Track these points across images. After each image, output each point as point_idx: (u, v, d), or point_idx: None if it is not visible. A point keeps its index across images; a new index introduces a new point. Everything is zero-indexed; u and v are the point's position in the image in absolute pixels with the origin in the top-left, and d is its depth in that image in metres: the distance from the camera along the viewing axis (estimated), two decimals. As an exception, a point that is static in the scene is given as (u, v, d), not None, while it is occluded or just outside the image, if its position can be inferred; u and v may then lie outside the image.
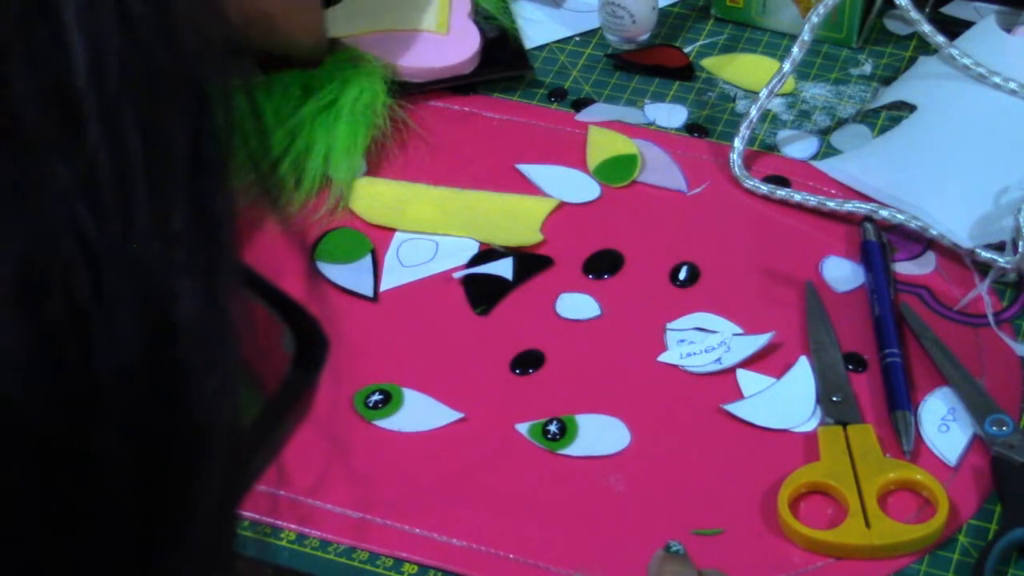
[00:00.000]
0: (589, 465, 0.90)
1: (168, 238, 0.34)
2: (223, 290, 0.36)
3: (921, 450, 0.90)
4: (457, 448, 0.91)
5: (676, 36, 1.18)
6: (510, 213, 1.05)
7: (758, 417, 0.92)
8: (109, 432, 0.33)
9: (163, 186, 0.34)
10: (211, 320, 0.35)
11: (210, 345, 0.35)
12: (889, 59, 1.15)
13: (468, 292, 1.00)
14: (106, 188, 0.32)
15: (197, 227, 0.34)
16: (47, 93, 0.32)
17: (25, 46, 0.32)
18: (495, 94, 1.14)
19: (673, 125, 1.11)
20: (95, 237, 0.32)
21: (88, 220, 0.32)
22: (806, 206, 1.03)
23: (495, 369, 0.95)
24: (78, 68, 0.32)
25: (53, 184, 0.32)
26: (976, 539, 0.85)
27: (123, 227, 0.33)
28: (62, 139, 0.32)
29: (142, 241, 0.33)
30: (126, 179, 0.33)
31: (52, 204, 0.32)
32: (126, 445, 0.33)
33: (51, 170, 0.32)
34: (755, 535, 0.86)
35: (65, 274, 0.32)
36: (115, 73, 0.33)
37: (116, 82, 0.33)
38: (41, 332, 0.32)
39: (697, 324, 0.97)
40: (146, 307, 0.33)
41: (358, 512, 0.88)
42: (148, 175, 0.33)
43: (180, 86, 0.35)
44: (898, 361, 0.93)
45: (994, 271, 0.98)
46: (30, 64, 0.32)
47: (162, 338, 0.34)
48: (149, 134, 0.33)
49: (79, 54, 0.32)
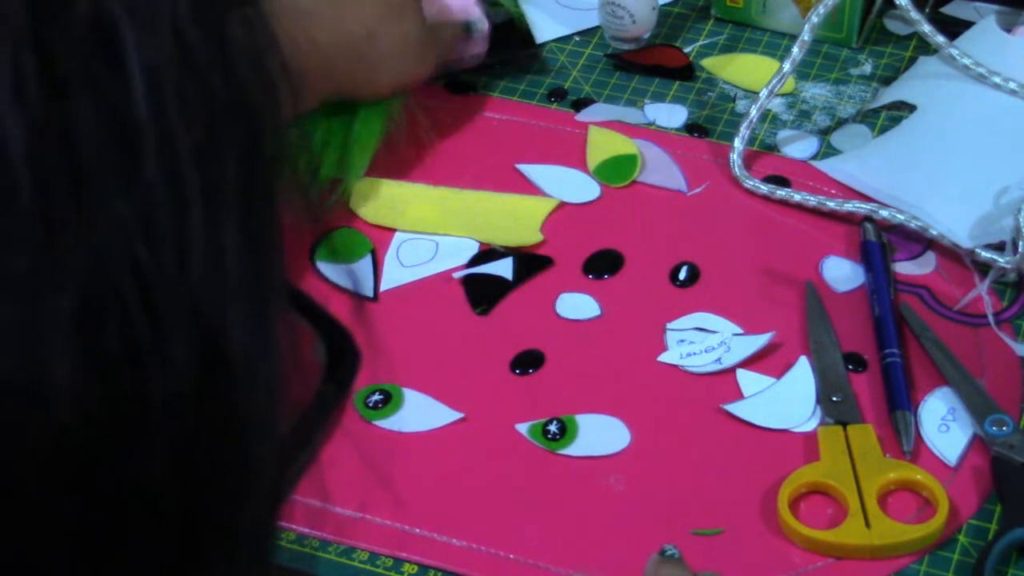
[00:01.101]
0: (589, 465, 0.90)
1: (222, 268, 0.34)
2: (272, 315, 0.36)
3: (921, 450, 0.90)
4: (457, 448, 0.91)
5: (676, 36, 1.18)
6: (510, 213, 1.05)
7: (758, 417, 0.91)
8: (160, 456, 0.33)
9: (217, 217, 0.34)
10: (261, 345, 0.35)
11: (259, 369, 0.35)
12: (889, 59, 1.15)
13: (468, 292, 1.00)
14: (163, 221, 0.33)
15: (249, 256, 0.35)
16: (107, 126, 0.32)
17: (86, 78, 0.32)
18: (495, 94, 1.14)
19: (673, 125, 1.11)
20: (151, 269, 0.32)
21: (145, 252, 0.32)
22: (806, 206, 1.03)
23: (495, 369, 0.95)
24: (138, 100, 0.32)
25: (111, 218, 0.32)
26: (976, 539, 0.85)
27: (179, 259, 0.33)
28: (121, 173, 0.32)
29: (197, 272, 0.33)
30: (182, 212, 0.33)
31: (110, 237, 0.32)
32: (176, 469, 0.34)
33: (110, 204, 0.32)
34: (755, 535, 0.86)
35: (121, 305, 0.32)
36: (174, 105, 0.33)
37: (175, 114, 0.33)
38: (97, 362, 0.32)
39: (697, 324, 0.97)
40: (199, 335, 0.33)
41: (358, 512, 0.88)
42: (204, 207, 0.33)
43: (235, 116, 0.35)
44: (898, 361, 0.93)
45: (994, 271, 0.98)
46: (91, 96, 0.32)
47: (214, 365, 0.34)
48: (205, 166, 0.33)
49: (139, 86, 0.32)
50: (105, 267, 0.32)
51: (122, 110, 0.32)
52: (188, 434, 0.34)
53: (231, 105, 0.35)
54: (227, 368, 0.34)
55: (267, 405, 0.36)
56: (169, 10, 0.33)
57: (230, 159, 0.34)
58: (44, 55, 0.31)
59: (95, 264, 0.32)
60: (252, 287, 0.35)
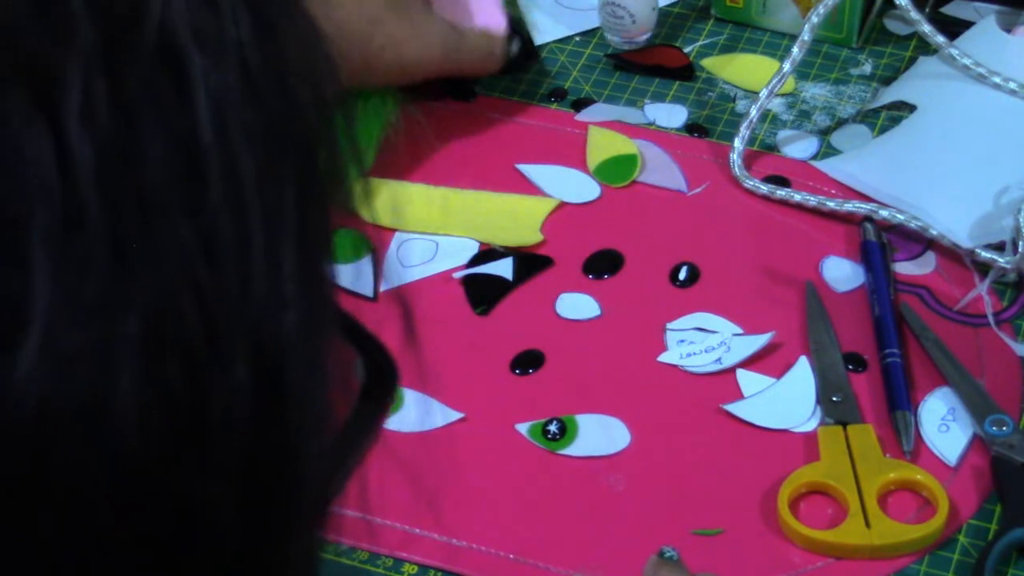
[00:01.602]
0: (589, 465, 0.90)
1: (281, 291, 0.34)
2: (326, 337, 0.37)
3: (921, 450, 0.90)
4: (457, 448, 0.91)
5: (676, 36, 1.18)
6: (510, 213, 1.05)
7: (758, 417, 0.91)
8: (219, 477, 0.34)
9: (277, 240, 0.34)
10: (314, 368, 0.36)
11: (312, 391, 0.36)
12: (889, 59, 1.15)
13: (468, 292, 1.00)
14: (225, 245, 0.33)
15: (305, 278, 0.35)
16: (174, 151, 0.32)
17: (154, 103, 0.32)
18: (495, 94, 1.14)
19: (673, 125, 1.11)
20: (213, 292, 0.33)
21: (207, 277, 0.33)
22: (806, 206, 1.03)
23: (495, 369, 0.95)
24: (204, 126, 0.33)
25: (176, 242, 0.32)
26: (976, 539, 0.85)
27: (240, 282, 0.33)
28: (186, 197, 0.32)
29: (257, 295, 0.34)
30: (244, 236, 0.33)
31: (175, 261, 0.32)
32: (234, 489, 0.34)
33: (175, 229, 0.32)
34: (755, 535, 0.86)
35: (184, 328, 0.32)
36: (237, 129, 0.33)
37: (238, 139, 0.33)
38: (161, 385, 0.32)
39: (697, 324, 0.97)
40: (258, 358, 0.34)
41: (358, 512, 0.88)
42: (264, 231, 0.34)
43: (293, 138, 0.35)
44: (898, 361, 0.93)
45: (994, 271, 0.98)
46: (159, 122, 0.32)
47: (271, 387, 0.34)
48: (265, 190, 0.34)
49: (205, 112, 0.33)
50: (169, 291, 0.32)
51: (188, 135, 0.33)
52: (246, 455, 0.34)
53: (290, 127, 0.35)
54: (283, 390, 0.35)
55: (317, 426, 0.36)
56: (234, 34, 0.34)
57: (288, 182, 0.35)
58: (113, 80, 0.32)
59: (160, 288, 0.32)
60: (307, 309, 0.35)
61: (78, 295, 0.31)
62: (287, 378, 0.35)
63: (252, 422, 0.34)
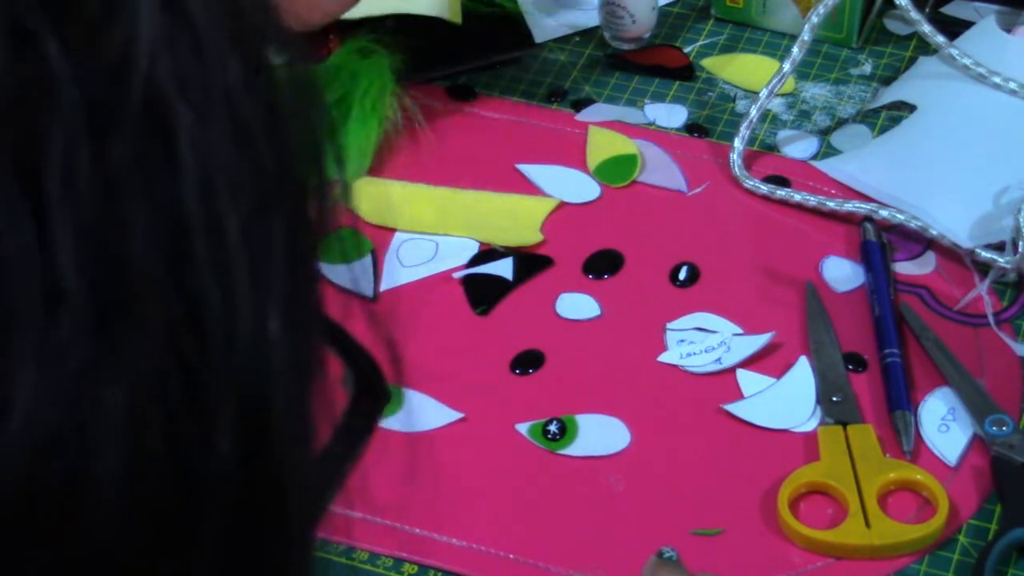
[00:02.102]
0: (589, 465, 0.90)
1: (267, 349, 0.33)
2: (314, 383, 0.36)
3: (921, 450, 0.90)
4: (457, 448, 0.91)
5: (676, 36, 1.18)
6: (510, 213, 1.05)
7: (758, 417, 0.92)
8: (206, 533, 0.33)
9: (264, 298, 0.33)
10: (302, 417, 0.35)
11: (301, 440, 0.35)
12: (889, 59, 1.15)
13: (468, 292, 1.00)
14: (210, 308, 0.32)
15: (293, 329, 0.34)
16: (158, 217, 0.31)
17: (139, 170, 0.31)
18: (495, 94, 1.14)
19: (673, 125, 1.11)
20: (198, 362, 0.32)
21: (192, 346, 0.32)
22: (806, 206, 1.03)
23: (495, 369, 0.95)
24: (190, 187, 0.31)
25: (159, 315, 0.31)
26: (976, 539, 0.85)
27: (225, 346, 0.32)
28: (170, 262, 0.31)
29: (242, 357, 0.33)
30: (229, 297, 0.32)
31: (159, 330, 0.31)
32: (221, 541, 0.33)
33: (158, 301, 0.31)
34: (755, 535, 0.86)
35: (167, 398, 0.32)
36: (225, 185, 0.32)
37: (225, 195, 0.32)
38: (144, 456, 0.31)
39: (697, 324, 0.97)
40: (243, 419, 0.33)
41: (358, 512, 0.88)
42: (251, 289, 0.33)
43: (282, 184, 0.34)
44: (898, 361, 0.93)
45: (994, 271, 0.98)
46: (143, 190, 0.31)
47: (257, 445, 0.34)
48: (252, 243, 0.33)
49: (191, 171, 0.31)
50: (153, 366, 0.31)
51: (173, 201, 0.31)
52: (233, 510, 0.33)
53: (278, 173, 0.34)
54: (270, 445, 0.34)
55: (306, 469, 0.36)
56: (222, 81, 0.32)
57: (278, 231, 0.34)
58: (97, 147, 0.30)
59: (143, 363, 0.31)
60: (295, 361, 0.34)
61: (60, 375, 0.30)
62: (274, 434, 0.34)
63: (239, 479, 0.33)
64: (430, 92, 1.12)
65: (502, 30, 1.15)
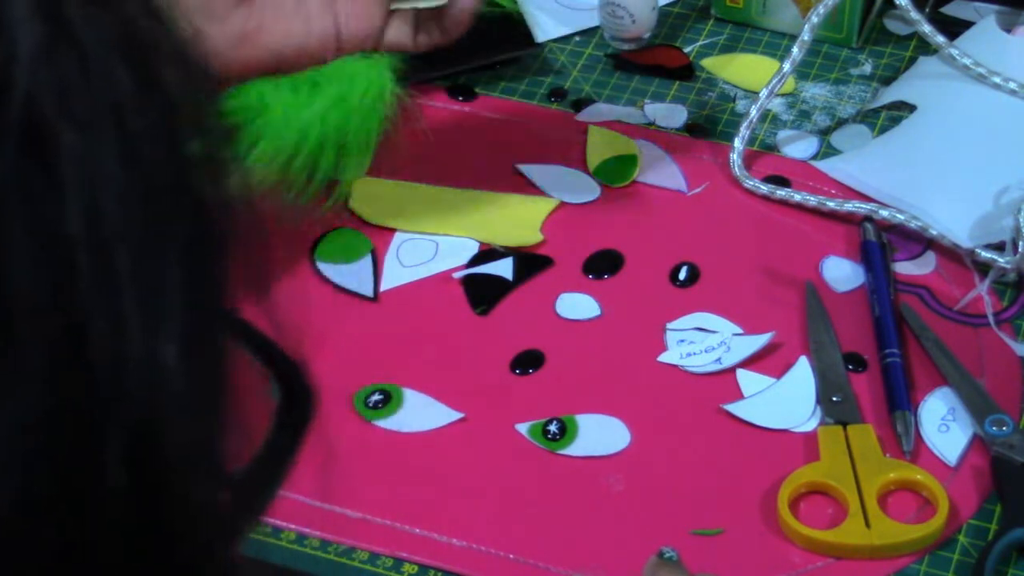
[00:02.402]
0: (589, 465, 0.90)
1: (161, 373, 0.32)
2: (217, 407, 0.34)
3: (921, 450, 0.90)
4: (457, 448, 0.91)
5: (676, 36, 1.18)
6: (510, 213, 1.05)
7: (758, 417, 0.92)
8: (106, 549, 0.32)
9: (156, 324, 0.31)
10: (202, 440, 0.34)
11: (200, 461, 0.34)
12: (889, 59, 1.15)
13: (468, 292, 1.00)
14: (98, 340, 0.30)
15: (191, 350, 0.32)
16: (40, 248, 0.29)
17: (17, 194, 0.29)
18: (495, 94, 1.14)
19: (673, 125, 1.11)
20: (84, 393, 0.30)
21: (77, 379, 0.30)
22: (806, 206, 1.03)
23: (495, 369, 0.95)
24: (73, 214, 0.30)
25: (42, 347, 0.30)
26: (976, 539, 0.85)
27: (114, 377, 0.31)
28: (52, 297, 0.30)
29: (134, 383, 0.31)
30: (119, 326, 0.31)
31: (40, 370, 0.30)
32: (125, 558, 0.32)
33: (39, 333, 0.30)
34: (755, 535, 0.86)
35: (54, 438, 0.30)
36: (113, 209, 0.30)
37: (113, 220, 0.30)
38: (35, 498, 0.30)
39: (697, 324, 0.97)
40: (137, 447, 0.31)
41: (358, 512, 0.88)
42: (142, 316, 0.31)
43: (178, 202, 0.32)
44: (898, 361, 0.93)
45: (994, 271, 0.98)
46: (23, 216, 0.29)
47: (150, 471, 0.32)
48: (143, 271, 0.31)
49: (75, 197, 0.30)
50: (37, 402, 0.30)
51: (56, 228, 0.30)
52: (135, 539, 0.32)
53: (175, 191, 0.32)
54: (166, 470, 0.32)
55: (211, 488, 0.34)
56: (108, 96, 0.30)
57: (172, 250, 0.32)
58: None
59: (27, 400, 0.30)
60: (195, 386, 0.33)
61: None
62: (169, 459, 0.32)
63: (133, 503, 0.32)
64: (430, 92, 1.12)
65: (502, 30, 1.15)
